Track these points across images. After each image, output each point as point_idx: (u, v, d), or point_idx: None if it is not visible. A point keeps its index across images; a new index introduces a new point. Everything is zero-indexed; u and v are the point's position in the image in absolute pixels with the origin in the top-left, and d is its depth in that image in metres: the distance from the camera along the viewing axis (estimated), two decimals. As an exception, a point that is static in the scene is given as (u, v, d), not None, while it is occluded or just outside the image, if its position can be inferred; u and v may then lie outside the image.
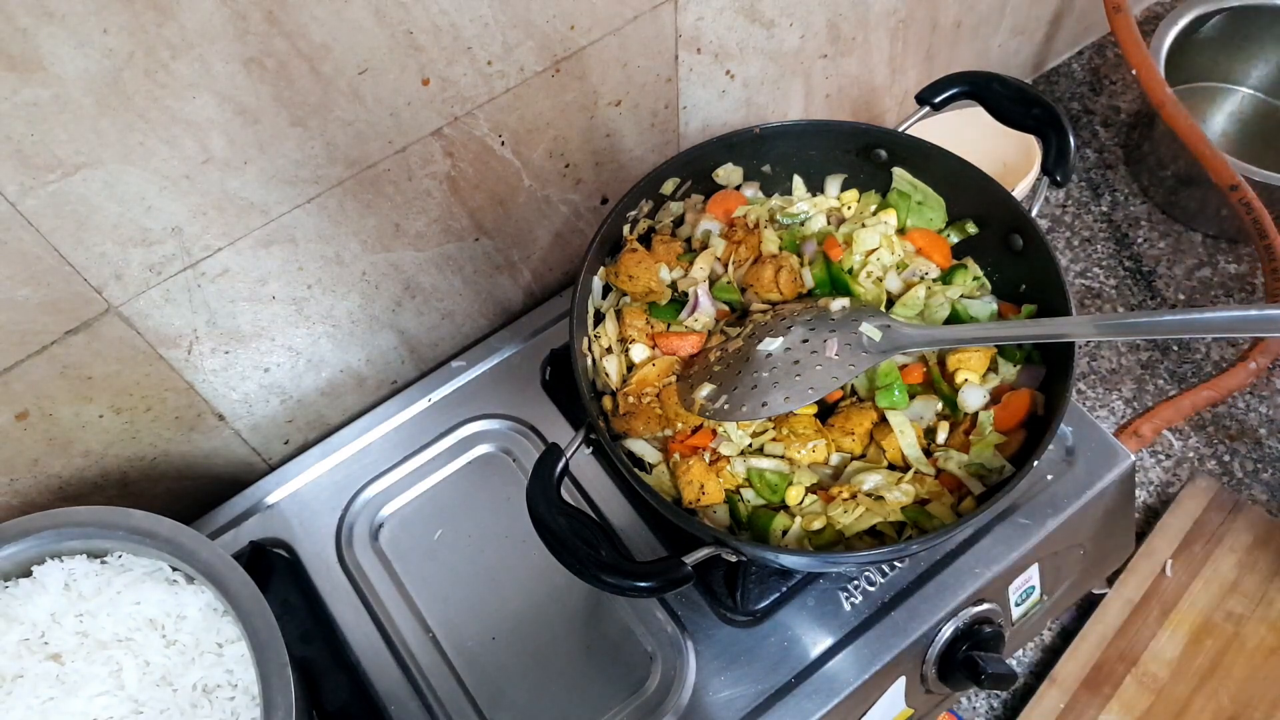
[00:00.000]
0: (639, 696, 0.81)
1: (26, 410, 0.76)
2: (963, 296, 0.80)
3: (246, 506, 0.93)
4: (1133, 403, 1.22)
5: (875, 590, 0.85)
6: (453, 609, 0.87)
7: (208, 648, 0.74)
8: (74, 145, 0.63)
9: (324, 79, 0.70)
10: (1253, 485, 1.17)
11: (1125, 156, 1.42)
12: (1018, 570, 0.87)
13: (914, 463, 0.74)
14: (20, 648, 0.72)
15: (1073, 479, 0.89)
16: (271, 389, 0.92)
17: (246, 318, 0.83)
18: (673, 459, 0.76)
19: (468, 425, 0.96)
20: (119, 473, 0.87)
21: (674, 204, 0.87)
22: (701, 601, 0.85)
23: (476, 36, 0.76)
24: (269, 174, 0.74)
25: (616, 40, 0.86)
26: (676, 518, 0.71)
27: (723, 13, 0.92)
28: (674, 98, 0.97)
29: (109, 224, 0.68)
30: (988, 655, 0.82)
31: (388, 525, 0.92)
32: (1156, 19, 1.39)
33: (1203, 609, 1.07)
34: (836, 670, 0.81)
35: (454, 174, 0.86)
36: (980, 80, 0.83)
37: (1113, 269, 1.32)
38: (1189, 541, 1.12)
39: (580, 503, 0.91)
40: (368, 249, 0.86)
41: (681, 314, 0.81)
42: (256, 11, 0.63)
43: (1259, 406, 1.22)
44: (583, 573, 0.66)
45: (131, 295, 0.74)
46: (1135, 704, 1.02)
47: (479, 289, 1.00)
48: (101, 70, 0.60)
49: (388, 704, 0.82)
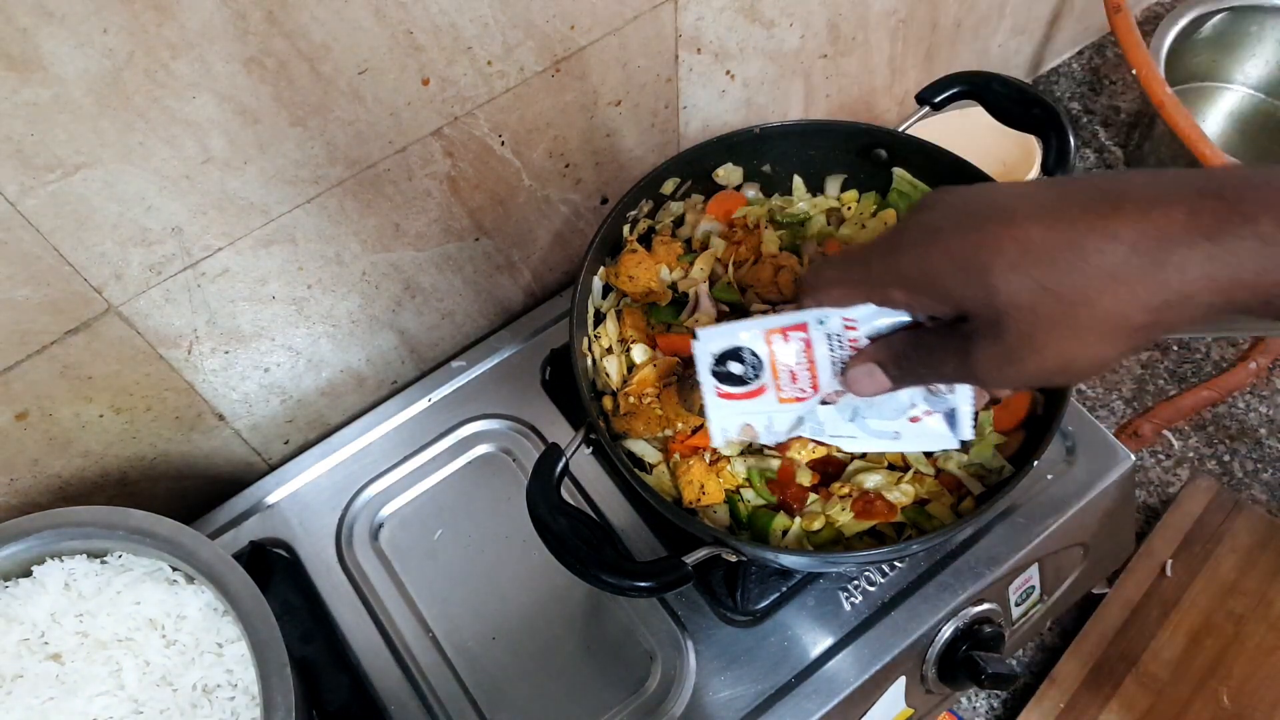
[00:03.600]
0: (639, 697, 0.81)
1: (26, 410, 0.76)
2: (963, 296, 0.80)
3: (246, 506, 0.93)
4: (1133, 402, 1.22)
5: (875, 590, 0.85)
6: (453, 609, 0.87)
7: (208, 648, 0.74)
8: (74, 145, 0.63)
9: (324, 79, 0.70)
10: (1253, 485, 1.17)
11: (1125, 156, 1.42)
12: (1018, 570, 0.87)
13: (914, 463, 0.74)
14: (20, 648, 0.72)
15: (1073, 479, 0.89)
16: (271, 389, 0.92)
17: (246, 318, 0.83)
18: (673, 459, 0.76)
19: (468, 425, 0.96)
20: (119, 473, 0.87)
21: (674, 204, 0.87)
22: (701, 601, 0.85)
23: (476, 36, 0.76)
24: (269, 174, 0.74)
25: (616, 40, 0.86)
26: (676, 518, 0.71)
27: (723, 12, 0.92)
28: (674, 98, 0.97)
29: (109, 224, 0.68)
30: (988, 655, 0.82)
31: (388, 525, 0.92)
32: (1156, 19, 1.39)
33: (1203, 609, 1.07)
34: (836, 670, 0.81)
35: (454, 174, 0.86)
36: (980, 80, 0.83)
37: (1113, 269, 1.32)
38: (1189, 541, 1.12)
39: (580, 503, 0.91)
40: (368, 249, 0.86)
41: (682, 314, 0.81)
42: (257, 11, 0.63)
43: (1259, 406, 1.22)
44: (583, 573, 0.66)
45: (131, 295, 0.74)
46: (1135, 704, 1.02)
47: (479, 289, 1.00)
48: (101, 70, 0.60)
49: (388, 704, 0.82)
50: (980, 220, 0.44)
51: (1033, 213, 0.43)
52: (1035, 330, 0.43)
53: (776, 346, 0.56)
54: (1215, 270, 0.40)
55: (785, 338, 0.55)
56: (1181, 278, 0.41)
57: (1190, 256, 0.40)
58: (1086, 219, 0.42)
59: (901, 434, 0.58)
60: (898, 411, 0.57)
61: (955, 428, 0.56)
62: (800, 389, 0.57)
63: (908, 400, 0.56)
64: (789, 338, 0.55)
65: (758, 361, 0.56)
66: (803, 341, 0.55)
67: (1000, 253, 0.43)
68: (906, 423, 0.57)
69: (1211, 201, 0.40)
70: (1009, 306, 0.43)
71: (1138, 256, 0.41)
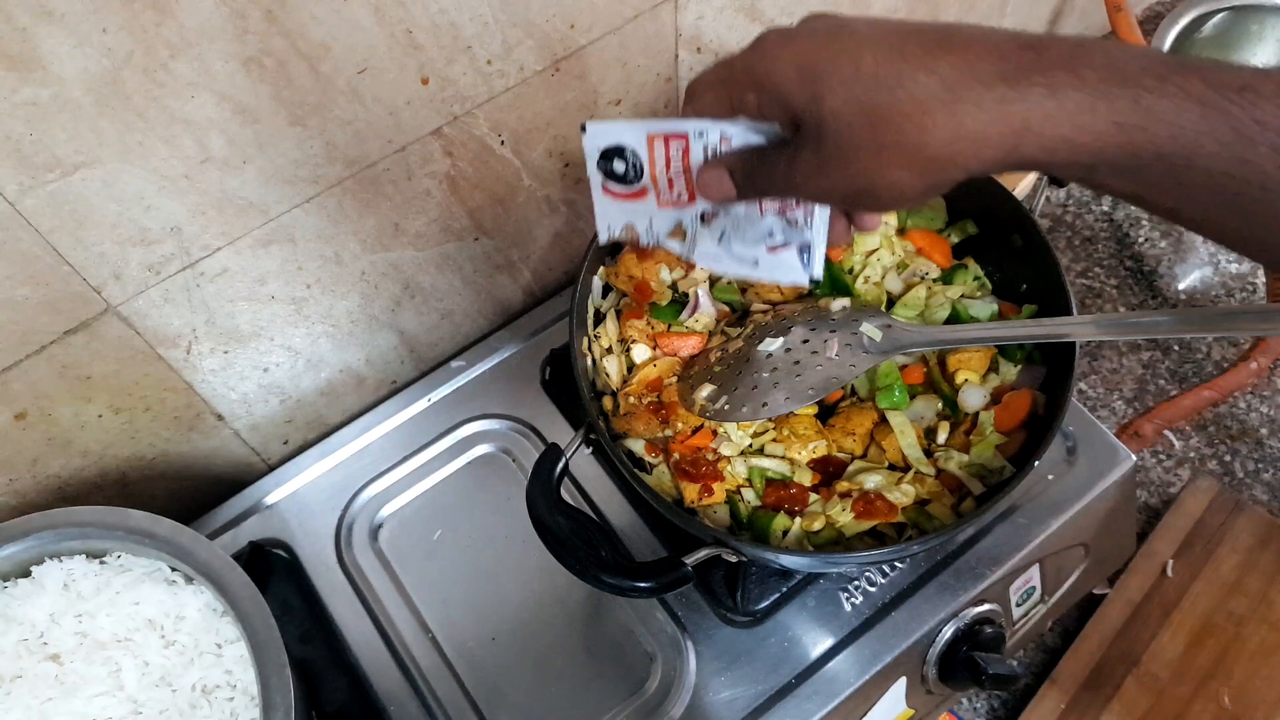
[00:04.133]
0: (639, 697, 0.81)
1: (25, 410, 0.76)
2: (963, 296, 0.80)
3: (246, 506, 0.93)
4: (1134, 403, 1.22)
5: (876, 591, 0.84)
6: (453, 609, 0.87)
7: (207, 648, 0.73)
8: (73, 145, 0.63)
9: (323, 78, 0.70)
10: (1254, 485, 1.17)
11: (1126, 156, 1.42)
12: (1018, 571, 0.87)
13: (914, 463, 0.74)
14: (19, 648, 0.72)
15: (1073, 479, 0.89)
16: (270, 389, 0.92)
17: (245, 317, 0.83)
18: (673, 459, 0.75)
19: (467, 425, 0.96)
20: (118, 473, 0.87)
21: (674, 204, 0.87)
22: (701, 602, 0.85)
23: (476, 35, 0.76)
24: (268, 173, 0.74)
25: (616, 39, 0.86)
26: (676, 518, 0.71)
27: (723, 12, 0.92)
28: (674, 97, 0.97)
29: (108, 223, 0.68)
30: (989, 656, 0.82)
31: (387, 525, 0.92)
32: (1157, 19, 1.39)
33: (1204, 609, 1.07)
34: (837, 671, 0.81)
35: (454, 173, 0.86)
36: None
37: (1114, 269, 1.32)
38: (1190, 542, 1.12)
39: (580, 503, 0.91)
40: (367, 249, 0.86)
41: (682, 314, 0.81)
42: (255, 10, 0.63)
43: (1260, 406, 1.22)
44: (583, 573, 0.66)
45: (130, 295, 0.74)
46: (1136, 704, 1.02)
47: (479, 289, 1.00)
48: (101, 69, 0.60)
49: (387, 704, 0.82)
50: (829, 38, 0.47)
51: (877, 40, 0.46)
52: (847, 145, 0.47)
53: (657, 151, 0.58)
54: (1006, 113, 0.43)
55: (666, 145, 0.57)
56: (976, 115, 0.44)
57: (987, 96, 0.43)
58: (917, 55, 0.45)
59: (760, 262, 0.61)
60: (758, 238, 0.60)
61: (808, 263, 0.59)
62: (677, 196, 0.60)
63: (767, 228, 0.59)
64: (670, 145, 0.57)
65: (639, 163, 0.59)
66: (681, 150, 0.57)
67: (836, 69, 0.46)
68: (765, 252, 0.60)
69: (1023, 53, 0.44)
70: (829, 116, 0.47)
71: (944, 91, 0.44)
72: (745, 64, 0.50)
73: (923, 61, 0.45)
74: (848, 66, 0.46)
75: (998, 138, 0.44)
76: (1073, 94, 0.42)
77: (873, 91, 0.45)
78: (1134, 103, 0.42)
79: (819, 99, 0.47)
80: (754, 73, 0.50)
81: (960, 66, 0.44)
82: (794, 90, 0.48)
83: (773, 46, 0.49)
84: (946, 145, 0.45)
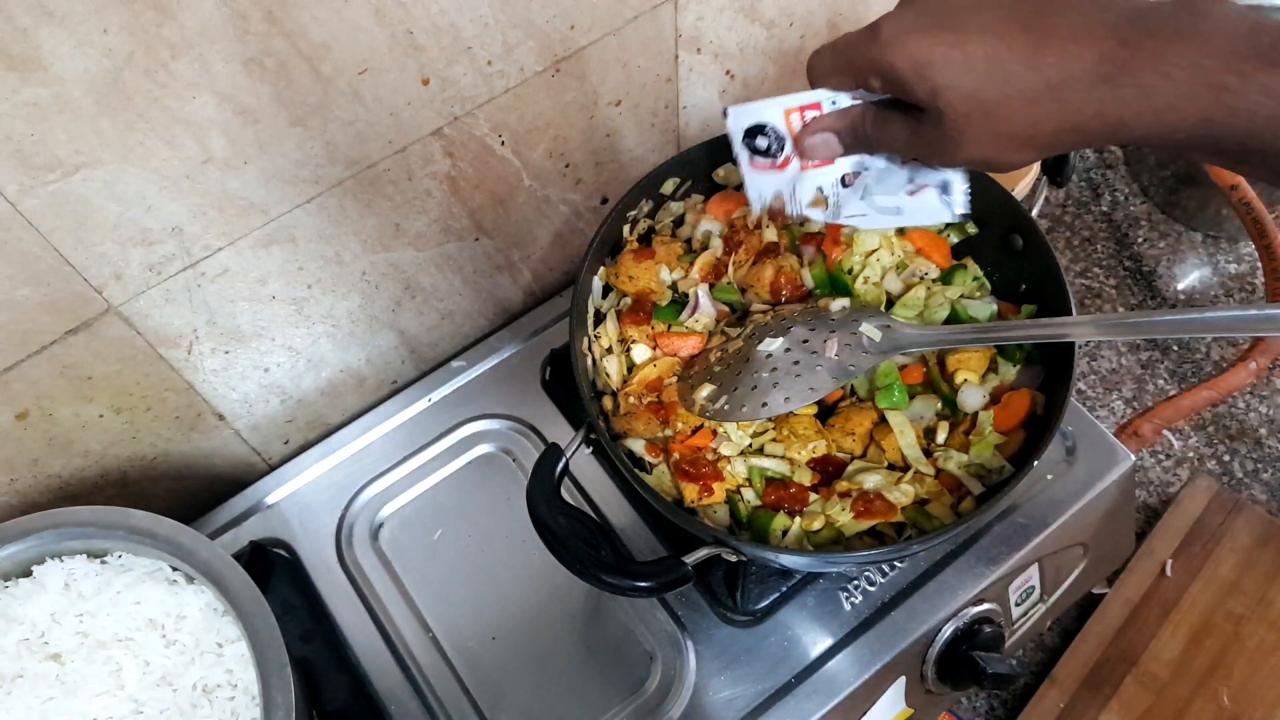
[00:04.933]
0: (639, 697, 0.81)
1: (26, 410, 0.76)
2: (962, 297, 0.80)
3: (246, 506, 0.93)
4: (1133, 402, 1.22)
5: (875, 590, 0.85)
6: (453, 609, 0.87)
7: (208, 648, 0.74)
8: (74, 145, 0.63)
9: (324, 79, 0.70)
10: (1253, 485, 1.17)
11: (1125, 156, 1.42)
12: (1018, 570, 0.87)
13: (914, 463, 0.74)
14: (20, 648, 0.72)
15: (1073, 479, 0.89)
16: (271, 389, 0.92)
17: (246, 317, 0.83)
18: (673, 459, 0.75)
19: (468, 425, 0.96)
20: (119, 473, 0.87)
21: (674, 204, 0.87)
22: (701, 601, 0.85)
23: (476, 36, 0.76)
24: (269, 174, 0.74)
25: (616, 40, 0.86)
26: (676, 518, 0.71)
27: (723, 12, 0.92)
28: (674, 98, 0.97)
29: (109, 224, 0.68)
30: (988, 655, 0.82)
31: (388, 525, 0.92)
32: (1156, 19, 1.39)
33: (1203, 609, 1.07)
34: (836, 670, 0.81)
35: (454, 174, 0.86)
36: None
37: (1113, 269, 1.32)
38: (1189, 541, 1.12)
39: (580, 503, 0.91)
40: (368, 249, 0.86)
41: (682, 315, 0.81)
42: (256, 11, 0.63)
43: (1259, 406, 1.22)
44: (583, 573, 0.66)
45: (131, 295, 0.74)
46: (1135, 704, 1.02)
47: (479, 289, 1.00)
48: (101, 70, 0.60)
49: (388, 704, 0.82)
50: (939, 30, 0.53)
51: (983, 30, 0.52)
52: (965, 128, 0.54)
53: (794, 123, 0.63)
54: (1103, 111, 0.51)
55: (802, 115, 0.63)
56: (1080, 112, 0.51)
57: (1087, 98, 0.51)
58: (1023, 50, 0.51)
59: (903, 209, 0.66)
60: (898, 185, 0.65)
61: (950, 200, 0.64)
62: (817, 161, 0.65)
63: (906, 175, 0.64)
64: (804, 116, 0.63)
65: (780, 137, 0.64)
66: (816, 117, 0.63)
67: (949, 63, 0.53)
68: (905, 197, 0.65)
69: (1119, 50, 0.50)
70: (947, 107, 0.54)
71: (1049, 90, 0.51)
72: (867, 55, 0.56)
73: (1028, 59, 0.51)
74: (959, 61, 0.52)
75: (1099, 130, 0.52)
76: (1162, 95, 0.49)
77: (985, 86, 0.52)
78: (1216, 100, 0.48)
79: (936, 93, 0.53)
80: (878, 65, 0.55)
81: (1061, 67, 0.51)
82: (913, 83, 0.54)
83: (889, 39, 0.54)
84: (1053, 135, 0.53)
